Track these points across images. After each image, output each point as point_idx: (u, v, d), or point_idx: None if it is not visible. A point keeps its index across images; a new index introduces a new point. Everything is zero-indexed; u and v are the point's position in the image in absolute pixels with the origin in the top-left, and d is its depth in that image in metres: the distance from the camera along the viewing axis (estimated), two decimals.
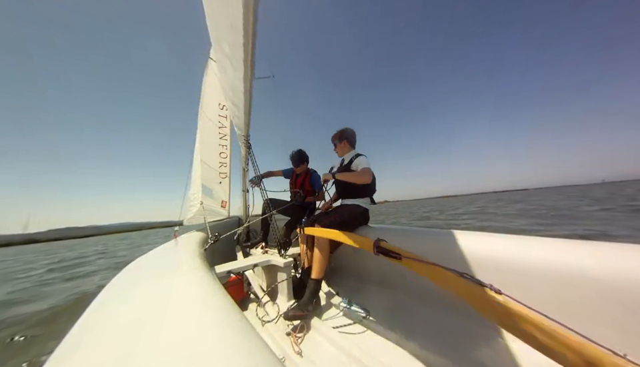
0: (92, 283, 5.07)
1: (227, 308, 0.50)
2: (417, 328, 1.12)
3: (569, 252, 0.85)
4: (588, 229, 6.45)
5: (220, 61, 1.25)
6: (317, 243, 1.54)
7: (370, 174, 1.61)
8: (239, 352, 0.34)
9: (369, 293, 1.58)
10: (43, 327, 2.80)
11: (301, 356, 1.04)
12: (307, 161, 2.52)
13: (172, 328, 0.43)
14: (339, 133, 1.88)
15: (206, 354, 0.34)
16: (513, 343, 0.91)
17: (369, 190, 1.76)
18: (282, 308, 1.44)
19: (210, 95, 3.40)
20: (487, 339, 0.98)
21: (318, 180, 2.43)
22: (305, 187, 2.45)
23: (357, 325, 1.25)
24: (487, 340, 0.97)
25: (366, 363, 0.93)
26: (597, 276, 0.75)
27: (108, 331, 0.47)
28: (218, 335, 0.39)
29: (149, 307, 0.56)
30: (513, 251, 0.97)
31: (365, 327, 1.23)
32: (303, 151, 2.51)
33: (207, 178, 3.14)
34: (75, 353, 0.41)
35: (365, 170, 1.63)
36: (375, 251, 0.94)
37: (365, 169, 1.63)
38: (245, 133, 2.11)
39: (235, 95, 1.47)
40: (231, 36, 0.92)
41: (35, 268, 8.94)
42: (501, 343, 0.94)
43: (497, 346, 0.94)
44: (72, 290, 4.56)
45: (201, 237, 1.87)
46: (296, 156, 2.46)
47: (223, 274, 1.48)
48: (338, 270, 2.00)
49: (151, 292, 0.67)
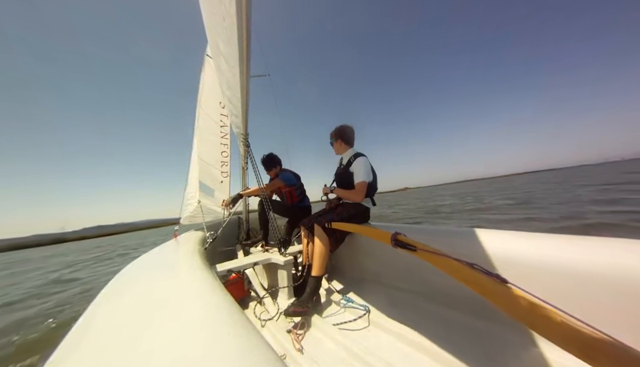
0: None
1: (227, 306, 0.50)
2: (417, 325, 1.12)
3: (580, 248, 0.84)
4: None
5: (216, 58, 1.24)
6: (317, 240, 1.54)
7: (364, 192, 1.64)
8: (240, 350, 0.34)
9: (370, 290, 1.59)
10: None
11: (302, 353, 1.04)
12: (278, 165, 2.54)
13: (173, 326, 0.44)
14: (335, 131, 1.87)
15: (207, 352, 0.34)
16: (515, 338, 0.91)
17: (370, 191, 1.76)
18: (282, 306, 1.45)
19: (210, 94, 3.37)
20: (487, 335, 0.97)
21: (288, 177, 2.42)
22: (282, 189, 2.47)
23: (358, 322, 1.26)
24: (488, 335, 0.97)
25: (367, 360, 0.93)
26: (608, 273, 0.75)
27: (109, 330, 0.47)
28: (218, 333, 0.39)
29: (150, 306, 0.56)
30: (521, 248, 0.96)
31: (366, 324, 1.23)
32: (273, 155, 2.54)
33: (208, 177, 3.13)
34: (77, 351, 0.41)
35: (360, 187, 1.63)
36: (393, 244, 0.96)
37: (361, 185, 1.63)
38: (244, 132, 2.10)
39: (232, 93, 1.46)
40: (225, 33, 0.91)
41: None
42: (502, 339, 0.94)
43: (498, 341, 0.94)
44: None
45: (201, 235, 1.88)
46: (266, 160, 2.51)
47: (224, 272, 1.49)
48: (339, 268, 2.01)
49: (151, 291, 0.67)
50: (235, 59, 1.01)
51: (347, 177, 1.71)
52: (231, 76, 1.23)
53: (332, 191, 1.82)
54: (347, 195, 1.72)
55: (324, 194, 1.89)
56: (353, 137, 1.88)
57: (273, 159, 2.53)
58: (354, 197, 1.68)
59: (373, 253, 1.68)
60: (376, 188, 1.80)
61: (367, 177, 1.64)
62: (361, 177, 1.64)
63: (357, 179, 1.66)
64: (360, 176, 1.64)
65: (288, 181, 2.40)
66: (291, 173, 2.49)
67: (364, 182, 1.63)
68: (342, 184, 1.80)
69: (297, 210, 2.45)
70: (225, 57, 1.08)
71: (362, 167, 1.65)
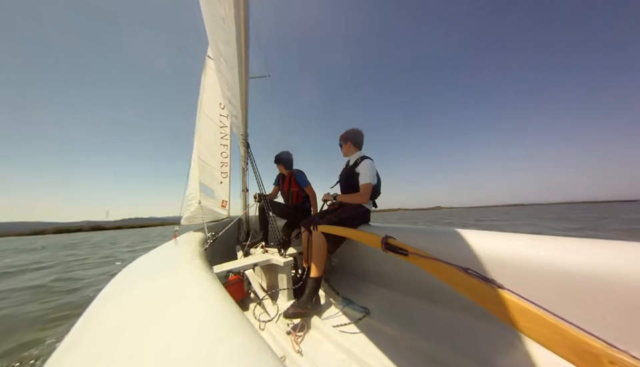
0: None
1: (227, 307, 0.49)
2: (417, 327, 1.12)
3: (575, 251, 0.83)
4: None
5: (216, 59, 1.24)
6: (314, 242, 1.54)
7: (368, 194, 1.66)
8: (239, 351, 0.34)
9: (369, 292, 1.58)
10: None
11: (301, 355, 1.04)
12: (281, 163, 2.57)
13: (172, 327, 0.43)
14: (345, 135, 1.92)
15: (206, 353, 0.34)
16: (514, 339, 0.91)
17: (373, 193, 1.77)
18: (282, 308, 1.44)
19: (210, 94, 3.39)
20: (487, 336, 0.97)
21: (302, 178, 2.49)
22: (291, 188, 2.51)
23: (357, 324, 1.25)
24: (487, 337, 0.97)
25: (366, 362, 0.93)
26: (601, 275, 0.74)
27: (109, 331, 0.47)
28: (218, 334, 0.39)
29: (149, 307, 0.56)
30: (516, 250, 0.96)
31: (365, 326, 1.23)
32: (280, 153, 2.58)
33: (208, 178, 3.14)
34: (76, 352, 0.41)
35: (365, 188, 1.66)
36: (383, 248, 0.94)
37: (366, 187, 1.66)
38: (244, 133, 2.10)
39: (232, 94, 1.46)
40: (224, 33, 0.91)
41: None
42: (502, 340, 0.93)
43: (498, 343, 0.93)
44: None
45: (200, 236, 1.88)
46: (287, 157, 2.59)
47: (223, 273, 1.48)
48: (338, 269, 2.00)
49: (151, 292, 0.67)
50: (234, 60, 1.02)
51: (352, 177, 1.74)
52: (230, 77, 1.24)
53: (335, 199, 1.81)
54: (352, 198, 1.73)
55: (323, 201, 1.90)
56: (362, 141, 1.93)
57: (277, 157, 2.60)
58: (359, 199, 1.69)
59: (372, 254, 1.67)
60: (379, 192, 1.83)
61: (372, 180, 1.67)
62: (366, 179, 1.66)
63: (362, 181, 1.67)
64: (366, 178, 1.66)
65: (303, 182, 2.46)
66: (303, 175, 2.53)
67: (369, 184, 1.65)
68: (346, 183, 1.81)
69: (296, 211, 2.46)
70: (225, 58, 1.08)
71: (368, 169, 1.67)
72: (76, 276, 5.47)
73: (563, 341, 0.44)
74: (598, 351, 0.41)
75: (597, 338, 0.42)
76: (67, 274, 5.74)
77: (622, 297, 0.69)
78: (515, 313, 0.53)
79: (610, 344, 0.41)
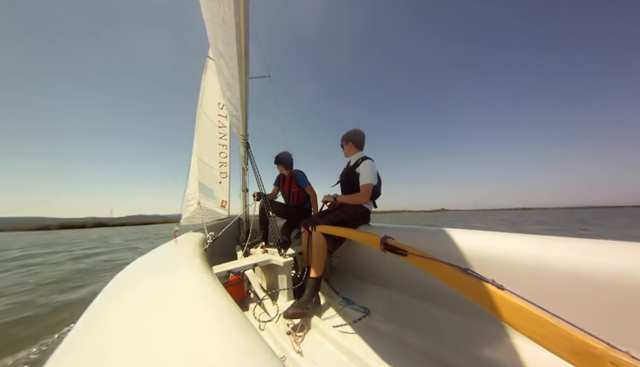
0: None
1: (227, 308, 0.49)
2: (416, 327, 1.12)
3: (572, 250, 0.84)
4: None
5: (216, 60, 1.24)
6: (314, 242, 1.54)
7: (369, 194, 1.67)
8: (239, 352, 0.34)
9: (369, 292, 1.58)
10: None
11: (301, 355, 1.04)
12: (281, 163, 2.57)
13: (172, 328, 0.43)
14: (346, 135, 1.93)
15: (206, 354, 0.34)
16: (514, 340, 0.91)
17: (373, 194, 1.78)
18: (282, 308, 1.44)
19: (210, 95, 3.40)
20: (487, 337, 0.97)
21: (302, 178, 2.50)
22: (292, 188, 2.51)
23: (357, 324, 1.25)
24: (487, 337, 0.97)
25: (366, 362, 0.93)
26: (598, 275, 0.74)
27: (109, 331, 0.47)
28: (218, 334, 0.39)
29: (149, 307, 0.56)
30: (516, 250, 0.96)
31: (365, 326, 1.23)
32: (280, 154, 2.59)
33: (207, 178, 3.14)
34: (76, 352, 0.41)
35: (366, 189, 1.67)
36: (382, 248, 0.94)
37: (366, 187, 1.66)
38: (243, 133, 2.10)
39: (231, 94, 1.46)
40: (224, 34, 0.91)
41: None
42: (501, 340, 0.93)
43: (497, 343, 0.93)
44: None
45: (200, 236, 1.87)
46: (288, 158, 2.60)
47: (223, 274, 1.48)
48: (338, 269, 2.00)
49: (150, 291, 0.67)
50: (234, 60, 1.02)
51: (353, 177, 1.74)
52: (230, 77, 1.24)
53: (335, 200, 1.81)
54: (353, 199, 1.73)
55: (323, 202, 1.91)
56: (363, 142, 1.94)
57: (277, 157, 2.60)
58: (360, 199, 1.70)
59: (372, 254, 1.67)
60: (380, 193, 1.83)
61: (373, 180, 1.67)
62: (367, 180, 1.66)
63: (362, 181, 1.68)
64: (366, 178, 1.66)
65: (303, 183, 2.46)
66: (303, 175, 2.54)
67: (370, 184, 1.65)
68: (347, 183, 1.82)
69: (296, 211, 2.46)
70: (225, 58, 1.08)
71: (369, 170, 1.67)
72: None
73: (564, 342, 0.44)
74: (599, 352, 0.40)
75: (597, 339, 0.42)
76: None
77: (622, 297, 0.69)
78: (514, 313, 0.52)
79: (611, 345, 0.41)
